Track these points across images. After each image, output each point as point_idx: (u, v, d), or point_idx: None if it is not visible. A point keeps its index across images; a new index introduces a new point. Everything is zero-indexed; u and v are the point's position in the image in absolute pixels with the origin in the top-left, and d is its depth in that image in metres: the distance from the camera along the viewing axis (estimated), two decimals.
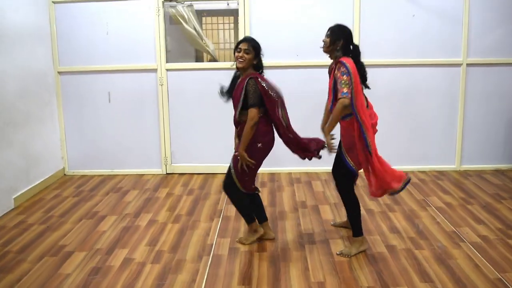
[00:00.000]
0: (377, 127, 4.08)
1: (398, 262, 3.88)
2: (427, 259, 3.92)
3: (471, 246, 4.14)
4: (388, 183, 3.87)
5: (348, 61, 3.81)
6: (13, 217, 5.06)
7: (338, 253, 4.06)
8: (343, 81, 3.76)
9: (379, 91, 6.25)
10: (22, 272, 3.82)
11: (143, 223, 4.84)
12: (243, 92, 3.93)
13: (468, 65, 6.27)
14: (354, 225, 4.14)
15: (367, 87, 4.04)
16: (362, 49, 4.03)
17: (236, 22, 6.65)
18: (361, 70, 3.94)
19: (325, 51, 4.01)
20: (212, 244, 4.30)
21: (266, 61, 4.19)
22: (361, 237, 4.13)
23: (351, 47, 3.95)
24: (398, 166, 6.33)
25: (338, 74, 3.80)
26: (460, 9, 6.16)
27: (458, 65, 6.28)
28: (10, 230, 4.70)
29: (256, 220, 4.32)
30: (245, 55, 3.96)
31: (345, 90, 3.75)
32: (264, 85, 3.93)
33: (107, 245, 4.32)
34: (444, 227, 4.59)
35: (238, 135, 4.15)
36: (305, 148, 4.13)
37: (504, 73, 6.32)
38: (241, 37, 6.21)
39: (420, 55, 6.28)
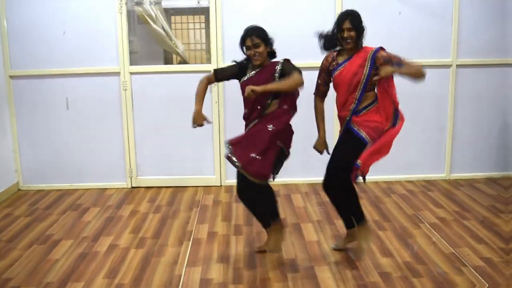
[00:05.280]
0: None
1: None
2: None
3: (474, 271, 3.67)
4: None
5: None
6: None
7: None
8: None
9: None
10: None
11: (102, 249, 4.27)
12: (276, 75, 3.71)
13: (458, 66, 5.87)
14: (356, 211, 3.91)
15: None
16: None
17: (207, 21, 6.24)
18: None
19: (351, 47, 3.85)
20: (180, 275, 3.75)
21: None
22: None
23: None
24: (384, 176, 6.00)
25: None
26: (449, 6, 5.76)
27: (447, 66, 5.88)
28: None
29: None
30: (258, 50, 3.68)
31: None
32: None
33: (59, 278, 3.74)
34: (441, 248, 4.11)
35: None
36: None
37: (495, 75, 5.94)
38: (212, 37, 5.78)
39: (406, 55, 5.83)
